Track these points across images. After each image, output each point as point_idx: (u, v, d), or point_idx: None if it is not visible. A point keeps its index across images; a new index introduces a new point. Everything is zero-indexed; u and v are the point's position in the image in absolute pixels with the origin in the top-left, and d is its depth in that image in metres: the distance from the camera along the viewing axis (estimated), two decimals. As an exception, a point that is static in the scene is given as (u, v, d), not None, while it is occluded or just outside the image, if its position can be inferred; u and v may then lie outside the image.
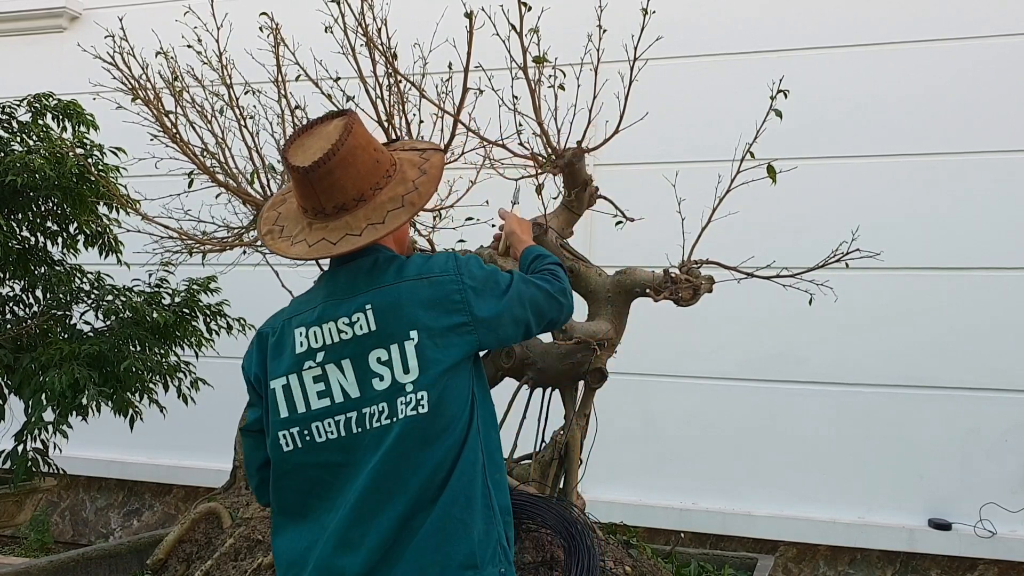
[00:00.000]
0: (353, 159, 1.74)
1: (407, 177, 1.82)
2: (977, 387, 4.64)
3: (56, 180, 4.20)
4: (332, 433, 1.72)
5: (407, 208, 1.77)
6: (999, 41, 4.70)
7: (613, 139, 2.90)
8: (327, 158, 1.71)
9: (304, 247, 1.77)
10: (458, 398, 1.74)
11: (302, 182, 1.75)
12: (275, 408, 1.76)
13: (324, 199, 1.75)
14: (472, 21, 2.78)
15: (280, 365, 1.77)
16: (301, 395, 1.74)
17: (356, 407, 1.72)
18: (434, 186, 1.83)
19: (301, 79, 3.33)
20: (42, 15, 6.33)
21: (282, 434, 1.75)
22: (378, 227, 1.74)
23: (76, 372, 3.89)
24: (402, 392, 1.69)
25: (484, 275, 1.82)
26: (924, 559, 4.68)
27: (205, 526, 3.49)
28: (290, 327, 1.79)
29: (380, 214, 1.76)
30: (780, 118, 2.95)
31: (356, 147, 1.74)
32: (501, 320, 1.80)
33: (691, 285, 2.95)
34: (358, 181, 1.75)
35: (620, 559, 3.01)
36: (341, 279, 1.79)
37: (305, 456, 1.74)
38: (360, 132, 1.77)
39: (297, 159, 1.75)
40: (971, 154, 4.70)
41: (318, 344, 1.75)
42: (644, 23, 2.86)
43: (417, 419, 1.69)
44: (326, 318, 1.75)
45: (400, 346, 1.71)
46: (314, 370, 1.74)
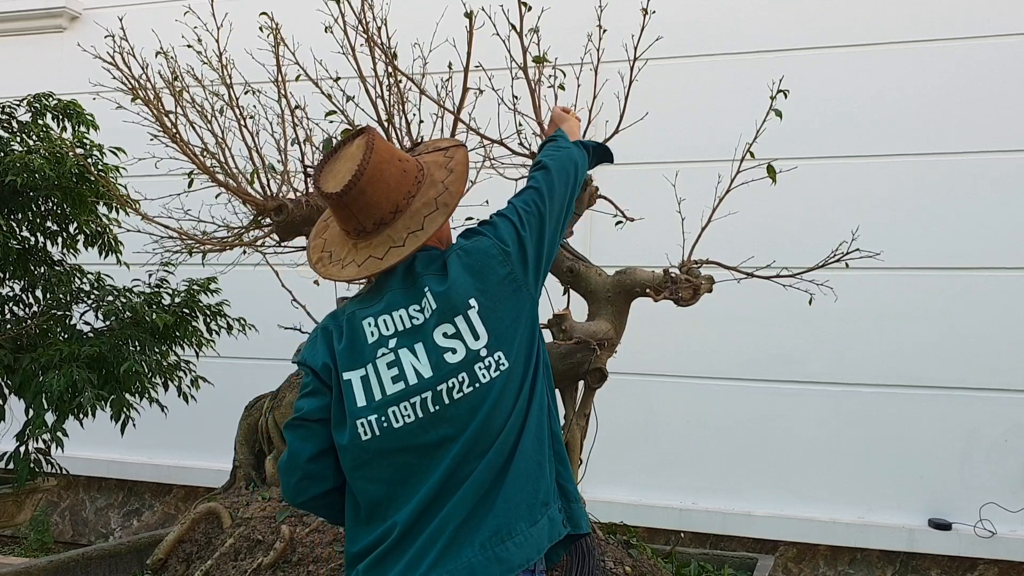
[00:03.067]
0: (380, 174, 1.80)
1: (436, 179, 1.88)
2: (977, 387, 4.64)
3: (56, 180, 4.20)
4: (409, 416, 1.76)
5: (442, 210, 1.84)
6: (999, 41, 4.70)
7: (613, 139, 2.90)
8: (356, 180, 1.78)
9: (354, 268, 1.84)
10: (527, 347, 1.82)
11: (338, 206, 1.82)
12: (352, 399, 1.79)
13: (362, 218, 1.82)
14: (472, 21, 2.78)
15: (355, 357, 1.82)
16: (377, 383, 1.78)
17: (431, 386, 1.76)
18: (463, 182, 1.89)
19: (301, 79, 3.33)
20: (42, 15, 6.33)
21: (360, 423, 1.77)
22: (419, 234, 1.81)
23: (75, 374, 3.89)
24: (478, 358, 1.76)
25: (504, 224, 1.90)
26: (924, 559, 4.68)
27: (205, 526, 3.49)
28: (357, 320, 1.84)
29: (418, 221, 1.82)
30: (780, 118, 2.95)
31: (381, 162, 1.81)
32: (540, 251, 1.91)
33: (691, 285, 2.95)
34: (390, 194, 1.82)
35: (620, 559, 3.01)
36: (398, 273, 1.85)
37: (385, 442, 1.77)
38: (382, 147, 1.83)
39: (329, 186, 1.82)
40: (971, 154, 4.70)
41: (389, 331, 1.80)
42: (644, 23, 2.87)
43: (502, 377, 1.77)
44: (395, 306, 1.82)
45: (464, 316, 1.78)
46: (387, 356, 1.79)
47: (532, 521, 1.76)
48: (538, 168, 2.06)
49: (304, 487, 1.89)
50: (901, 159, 4.80)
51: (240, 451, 3.89)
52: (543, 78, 2.93)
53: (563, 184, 2.03)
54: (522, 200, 1.98)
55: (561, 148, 2.12)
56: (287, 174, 3.31)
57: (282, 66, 3.29)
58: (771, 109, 2.94)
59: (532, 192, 2.00)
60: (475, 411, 1.75)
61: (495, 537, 1.72)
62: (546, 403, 1.87)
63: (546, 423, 1.85)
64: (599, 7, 2.87)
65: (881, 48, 4.86)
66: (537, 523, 1.77)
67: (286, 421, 1.95)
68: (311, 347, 1.92)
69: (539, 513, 1.78)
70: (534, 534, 1.76)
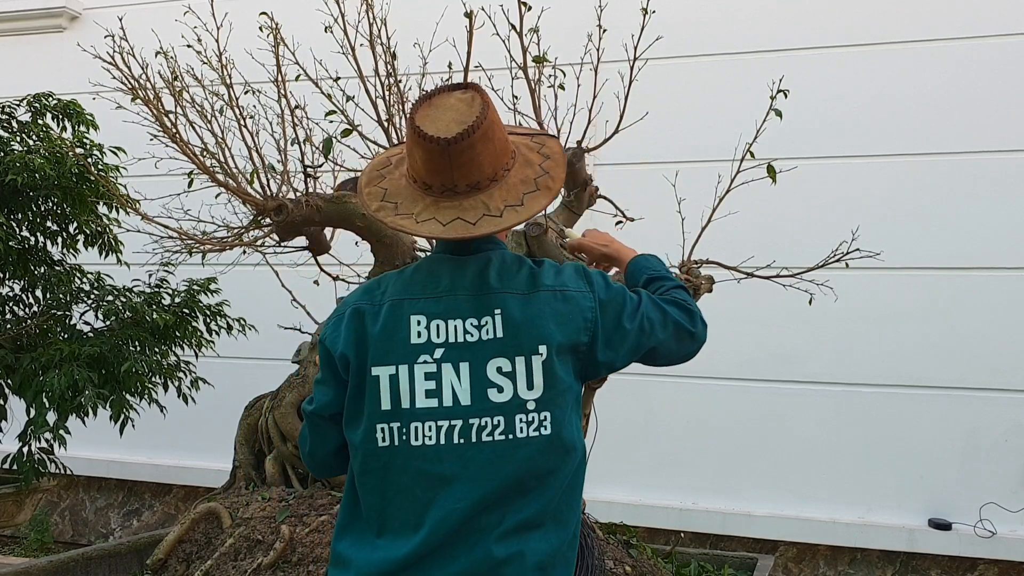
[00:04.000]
0: (493, 134, 1.62)
1: (532, 160, 1.70)
2: (977, 387, 4.64)
3: (56, 180, 4.20)
4: (431, 439, 1.59)
5: (544, 192, 1.65)
6: (999, 41, 4.70)
7: (613, 139, 2.90)
8: (472, 130, 1.58)
9: (436, 225, 1.61)
10: (575, 422, 1.64)
11: (439, 155, 1.59)
12: (376, 398, 1.61)
13: (459, 175, 1.61)
14: (472, 21, 2.78)
15: (391, 352, 1.62)
16: (408, 389, 1.60)
17: (464, 416, 1.58)
18: (563, 171, 1.71)
19: (301, 79, 3.33)
20: (42, 15, 6.33)
21: (381, 427, 1.61)
22: (519, 209, 1.63)
23: (75, 373, 3.89)
24: (523, 409, 1.58)
25: (610, 296, 1.70)
26: (924, 559, 4.68)
27: (205, 526, 3.49)
28: (402, 311, 1.64)
29: (516, 196, 1.64)
30: (780, 118, 2.95)
31: (494, 122, 1.62)
32: (618, 352, 1.70)
33: (691, 285, 2.95)
34: (495, 159, 1.63)
35: (620, 559, 3.01)
36: (469, 271, 1.66)
37: (398, 457, 1.60)
38: (493, 105, 1.64)
39: (432, 129, 1.59)
40: (971, 154, 4.70)
41: (440, 340, 1.61)
42: (644, 23, 2.87)
43: (540, 440, 1.58)
44: (454, 314, 1.62)
45: (527, 360, 1.59)
46: (428, 365, 1.60)
47: None
48: (690, 309, 1.83)
49: (331, 469, 1.78)
50: (901, 159, 4.79)
51: (240, 451, 3.89)
52: (543, 78, 2.93)
53: (683, 342, 1.82)
54: (657, 303, 1.77)
55: (678, 288, 1.89)
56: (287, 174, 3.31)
57: (282, 66, 3.28)
58: (771, 109, 2.95)
59: (678, 312, 1.79)
60: (496, 464, 1.57)
61: None
62: (581, 492, 1.69)
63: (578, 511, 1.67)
64: (599, 7, 2.87)
65: (881, 48, 4.86)
66: None
67: (301, 405, 1.81)
68: (335, 328, 1.70)
69: None
70: None
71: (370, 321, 1.66)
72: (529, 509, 1.57)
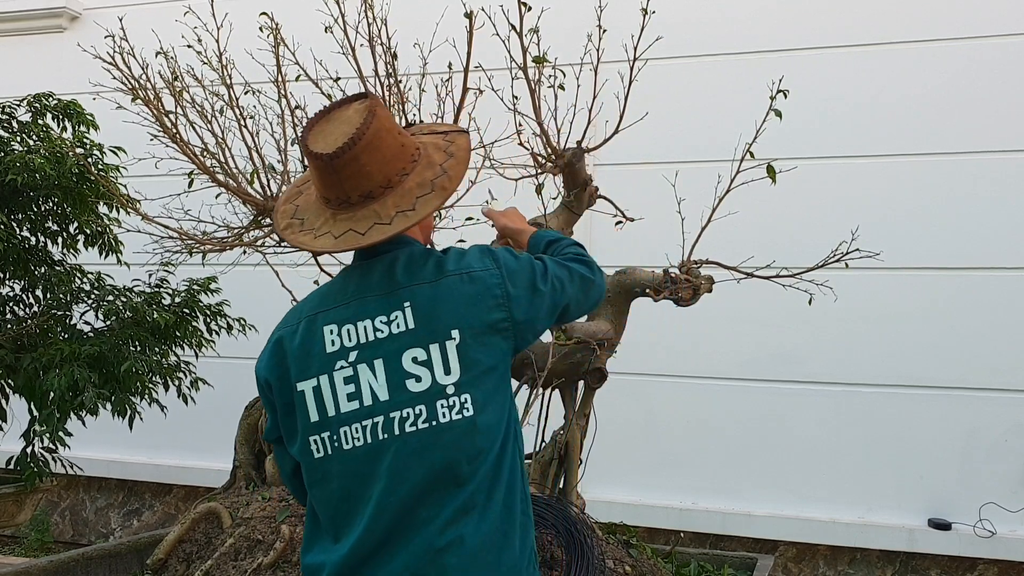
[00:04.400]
0: (379, 143, 1.63)
1: (434, 161, 1.71)
2: (977, 387, 4.64)
3: (56, 180, 4.20)
4: (359, 440, 1.62)
5: (438, 193, 1.66)
6: (999, 41, 4.70)
7: (613, 139, 2.90)
8: (352, 143, 1.60)
9: (330, 239, 1.65)
10: (499, 402, 1.66)
11: (325, 170, 1.63)
12: (304, 412, 1.66)
13: (349, 187, 1.64)
14: (472, 21, 2.78)
15: (310, 366, 1.66)
16: (331, 397, 1.64)
17: (384, 411, 1.61)
18: (463, 168, 1.72)
19: (301, 79, 3.33)
20: (42, 15, 6.33)
21: (313, 439, 1.65)
22: (409, 214, 1.63)
23: (76, 373, 3.89)
24: (443, 394, 1.60)
25: (519, 266, 1.73)
26: (924, 559, 4.68)
27: (205, 526, 3.49)
28: (316, 325, 1.68)
29: (409, 200, 1.65)
30: (780, 118, 2.95)
31: (381, 130, 1.64)
32: (539, 315, 1.74)
33: (691, 285, 2.95)
34: (384, 167, 1.64)
35: (620, 559, 3.01)
36: (376, 273, 1.68)
37: (335, 464, 1.63)
38: (384, 115, 1.66)
39: (318, 146, 1.64)
40: (971, 154, 4.70)
41: (351, 343, 1.64)
42: (644, 23, 2.87)
43: (462, 423, 1.60)
44: (363, 315, 1.65)
45: (441, 346, 1.61)
46: (345, 370, 1.63)
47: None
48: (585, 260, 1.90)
49: (301, 494, 1.81)
50: (901, 159, 4.79)
51: (240, 451, 3.90)
52: (543, 78, 2.93)
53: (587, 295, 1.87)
54: (560, 265, 1.81)
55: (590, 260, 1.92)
56: (287, 174, 3.32)
57: (282, 66, 3.29)
58: (771, 109, 2.95)
59: (580, 266, 1.85)
60: (424, 452, 1.59)
61: None
62: (518, 468, 1.70)
63: (518, 489, 1.68)
64: (599, 7, 2.87)
65: (881, 48, 4.86)
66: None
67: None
68: (261, 356, 1.77)
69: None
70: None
71: (289, 343, 1.70)
72: (463, 494, 1.59)
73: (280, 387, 1.70)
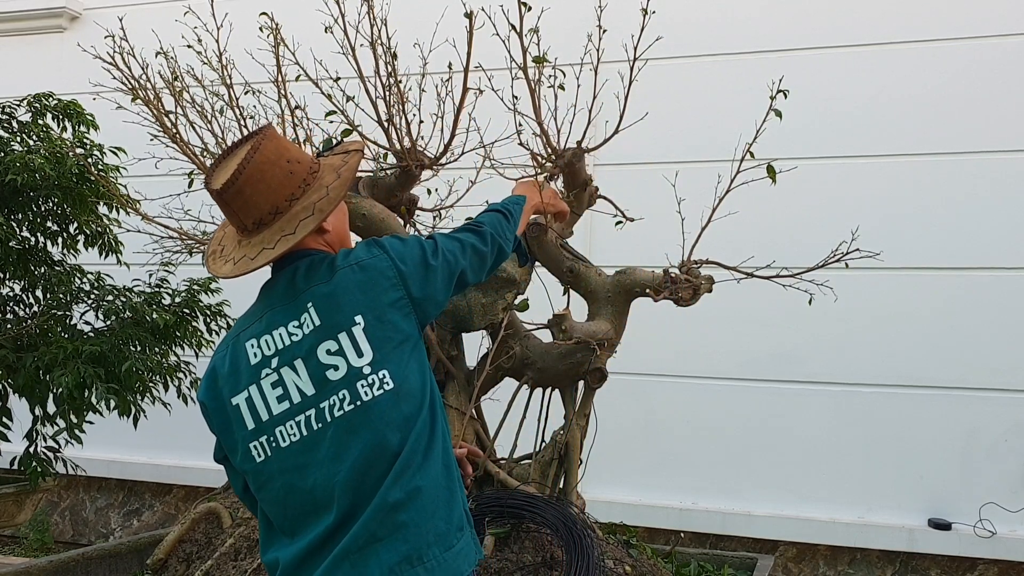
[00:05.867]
0: (261, 175, 1.77)
1: (323, 183, 1.84)
2: (977, 387, 4.64)
3: (56, 180, 4.20)
4: (295, 435, 1.74)
5: (316, 215, 1.78)
6: (999, 41, 4.70)
7: (613, 139, 2.90)
8: (234, 179, 1.76)
9: (230, 266, 1.82)
10: (417, 372, 1.78)
11: (220, 202, 1.80)
12: (241, 423, 1.79)
13: (243, 216, 1.80)
14: (472, 21, 2.78)
15: (240, 381, 1.79)
16: (263, 403, 1.77)
17: (314, 403, 1.73)
18: (344, 188, 1.83)
19: (301, 79, 3.33)
20: (42, 15, 6.33)
21: (252, 445, 1.77)
22: (289, 238, 1.77)
23: (82, 371, 3.90)
24: (360, 376, 1.72)
25: (407, 248, 1.85)
26: (924, 559, 4.68)
27: (205, 526, 3.49)
28: (240, 344, 1.82)
29: (292, 224, 1.78)
30: (780, 118, 2.95)
31: (263, 163, 1.77)
32: (435, 287, 1.86)
33: (691, 285, 2.95)
34: (270, 196, 1.78)
35: (620, 559, 3.01)
36: (280, 286, 1.83)
37: (276, 463, 1.75)
38: (269, 147, 1.79)
39: (212, 182, 1.80)
40: (971, 154, 4.70)
41: (271, 351, 1.78)
42: (644, 23, 2.86)
43: (385, 396, 1.72)
44: (275, 324, 1.78)
45: (348, 333, 1.74)
46: (271, 376, 1.77)
47: (447, 547, 1.72)
48: (481, 219, 2.06)
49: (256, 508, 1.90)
50: (901, 159, 4.80)
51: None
52: (543, 78, 2.93)
53: (487, 253, 2.01)
54: (450, 239, 1.95)
55: (507, 224, 2.11)
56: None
57: (282, 66, 3.28)
58: (771, 109, 2.94)
59: (470, 235, 1.98)
60: (357, 430, 1.71)
61: (404, 562, 1.68)
62: (448, 430, 1.84)
63: (450, 451, 1.82)
64: (599, 7, 2.87)
65: (881, 48, 4.86)
66: (452, 548, 1.73)
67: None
68: (200, 385, 1.92)
69: (454, 538, 1.74)
70: (449, 559, 1.72)
71: (220, 367, 1.84)
72: (402, 459, 1.70)
73: (216, 407, 1.83)
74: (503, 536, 2.85)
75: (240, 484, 1.91)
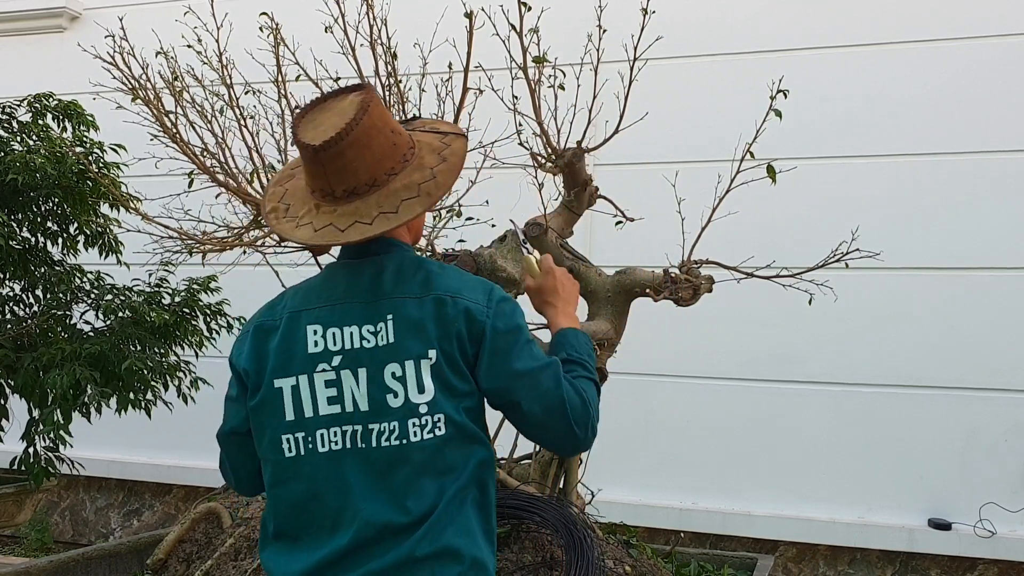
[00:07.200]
0: (368, 140, 1.60)
1: (425, 163, 1.66)
2: (977, 387, 4.64)
3: (56, 180, 4.20)
4: (336, 444, 1.61)
5: (423, 198, 1.62)
6: (999, 41, 4.70)
7: (613, 139, 2.90)
8: (340, 137, 1.57)
9: (310, 231, 1.63)
10: (472, 425, 1.64)
11: (312, 161, 1.61)
12: (279, 410, 1.64)
13: (334, 181, 1.61)
14: (472, 21, 2.78)
15: (290, 364, 1.64)
16: (310, 398, 1.62)
17: (364, 421, 1.60)
18: (454, 176, 1.68)
19: (301, 79, 3.33)
20: (42, 15, 6.33)
21: (286, 438, 1.63)
22: (391, 217, 1.60)
23: (77, 372, 3.90)
24: (415, 413, 1.59)
25: (509, 325, 1.65)
26: (924, 559, 4.68)
27: (205, 526, 3.49)
28: (299, 322, 1.65)
29: (393, 202, 1.61)
30: (780, 118, 2.95)
31: (371, 127, 1.60)
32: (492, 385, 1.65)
33: (691, 285, 2.95)
34: (372, 165, 1.61)
35: (620, 559, 3.01)
36: (364, 279, 1.66)
37: (307, 466, 1.62)
38: (377, 111, 1.62)
39: (307, 135, 1.61)
40: (971, 154, 4.70)
41: (336, 347, 1.62)
42: (644, 23, 2.86)
43: (433, 442, 1.59)
44: (349, 321, 1.63)
45: (416, 364, 1.60)
46: (328, 373, 1.62)
47: None
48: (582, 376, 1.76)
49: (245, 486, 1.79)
50: (901, 159, 4.80)
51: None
52: (543, 78, 2.93)
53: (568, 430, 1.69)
54: (557, 376, 1.68)
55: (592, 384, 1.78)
56: (287, 174, 3.31)
57: (282, 66, 3.29)
58: (771, 109, 2.94)
59: (574, 395, 1.68)
60: (396, 467, 1.58)
61: None
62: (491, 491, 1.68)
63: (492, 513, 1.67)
64: (599, 7, 2.87)
65: (881, 48, 4.86)
66: None
67: (217, 431, 1.80)
68: (238, 346, 1.73)
69: None
70: None
71: (270, 336, 1.67)
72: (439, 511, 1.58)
73: (256, 381, 1.68)
74: (503, 536, 2.85)
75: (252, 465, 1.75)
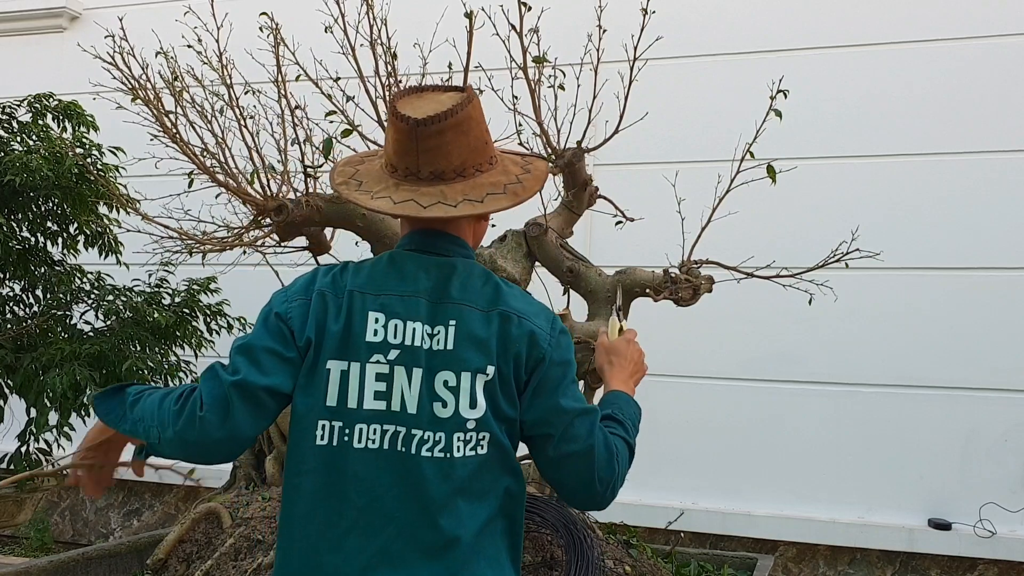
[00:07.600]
0: (468, 128, 1.62)
1: (510, 171, 1.69)
2: (977, 387, 4.64)
3: (56, 180, 4.20)
4: (373, 442, 1.55)
5: (509, 196, 1.64)
6: (999, 41, 4.70)
7: (613, 139, 2.90)
8: (442, 117, 1.58)
9: (388, 202, 1.61)
10: (513, 452, 1.62)
11: (407, 136, 1.60)
12: (322, 392, 1.57)
13: (423, 160, 1.61)
14: (472, 21, 2.78)
15: (347, 348, 1.58)
16: (357, 388, 1.57)
17: (407, 424, 1.55)
18: (539, 185, 1.71)
19: (301, 79, 3.33)
20: (42, 15, 6.33)
21: (322, 423, 1.57)
22: (476, 205, 1.60)
23: (76, 373, 3.90)
24: (462, 428, 1.55)
25: (564, 358, 1.65)
26: (924, 559, 4.68)
27: (205, 526, 3.49)
28: (363, 306, 1.60)
29: (479, 193, 1.62)
30: (780, 118, 2.95)
31: (472, 118, 1.63)
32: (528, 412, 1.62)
33: (691, 285, 2.95)
34: (464, 152, 1.62)
35: (620, 559, 3.01)
36: (432, 274, 1.64)
37: (340, 459, 1.56)
38: (478, 107, 1.66)
39: (409, 110, 1.62)
40: (971, 154, 4.70)
41: (396, 340, 1.58)
42: (644, 23, 2.86)
43: (474, 460, 1.56)
44: (414, 316, 1.59)
45: (472, 377, 1.56)
46: (381, 366, 1.57)
47: None
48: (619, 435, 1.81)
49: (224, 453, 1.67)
50: (901, 159, 4.80)
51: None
52: (543, 78, 2.93)
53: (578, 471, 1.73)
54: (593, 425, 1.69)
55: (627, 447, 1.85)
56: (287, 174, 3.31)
57: (282, 66, 3.28)
58: (771, 109, 2.94)
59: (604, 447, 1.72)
60: (432, 481, 1.54)
61: None
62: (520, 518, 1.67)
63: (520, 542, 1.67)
64: (599, 7, 2.87)
65: (881, 48, 4.86)
66: None
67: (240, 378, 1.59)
68: (298, 306, 1.63)
69: None
70: None
71: (331, 310, 1.61)
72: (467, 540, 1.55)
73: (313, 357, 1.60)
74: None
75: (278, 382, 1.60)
